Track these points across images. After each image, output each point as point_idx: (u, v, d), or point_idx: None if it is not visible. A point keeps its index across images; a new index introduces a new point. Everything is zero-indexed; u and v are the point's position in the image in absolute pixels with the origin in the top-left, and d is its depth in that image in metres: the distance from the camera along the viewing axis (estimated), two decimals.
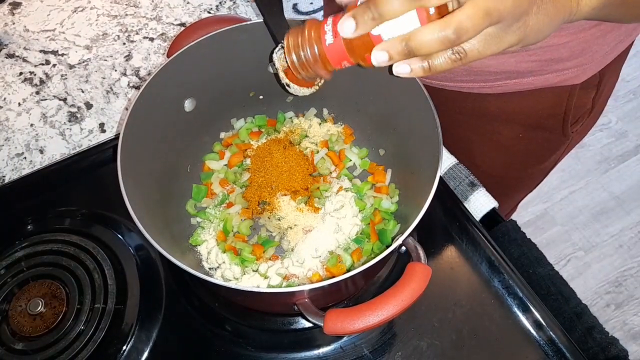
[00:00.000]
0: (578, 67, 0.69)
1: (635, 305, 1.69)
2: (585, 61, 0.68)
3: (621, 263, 1.77)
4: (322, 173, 0.73)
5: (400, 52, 0.40)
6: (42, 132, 0.83)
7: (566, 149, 0.87)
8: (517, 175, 0.91)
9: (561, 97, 0.73)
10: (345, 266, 0.65)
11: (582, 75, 0.70)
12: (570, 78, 0.70)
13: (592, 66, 0.70)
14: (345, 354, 0.63)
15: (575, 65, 0.68)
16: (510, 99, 0.73)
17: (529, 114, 0.76)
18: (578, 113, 0.77)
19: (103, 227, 0.71)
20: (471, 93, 0.75)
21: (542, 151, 0.85)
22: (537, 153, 0.85)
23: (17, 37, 0.94)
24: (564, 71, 0.69)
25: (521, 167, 0.88)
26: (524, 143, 0.81)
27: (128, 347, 0.62)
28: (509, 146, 0.82)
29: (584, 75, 0.70)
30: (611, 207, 1.88)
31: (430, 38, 0.38)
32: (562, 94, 0.72)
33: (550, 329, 0.62)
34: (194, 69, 0.64)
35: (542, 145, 0.83)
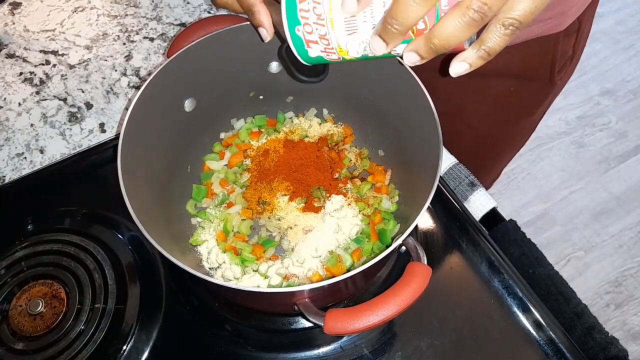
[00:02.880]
0: (559, 15, 0.73)
1: (635, 305, 1.69)
2: (566, 8, 0.72)
3: (621, 263, 1.77)
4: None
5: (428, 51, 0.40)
6: (42, 132, 0.83)
7: (552, 98, 0.91)
8: (510, 130, 0.94)
9: (547, 46, 0.77)
10: (345, 266, 0.65)
11: (563, 22, 0.74)
12: (554, 27, 0.74)
13: (572, 12, 0.74)
14: (345, 354, 0.63)
15: (557, 13, 0.72)
16: (500, 53, 0.75)
17: (519, 66, 0.79)
18: (562, 60, 0.81)
19: (103, 227, 0.71)
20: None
21: (532, 102, 0.89)
22: (527, 104, 0.89)
23: (17, 37, 0.94)
24: (547, 20, 0.72)
25: (514, 120, 0.92)
26: (515, 95, 0.84)
27: (128, 347, 0.62)
28: (501, 101, 0.85)
29: (565, 22, 0.75)
30: (611, 207, 1.88)
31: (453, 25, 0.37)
32: (548, 43, 0.76)
33: (550, 329, 0.62)
34: (194, 69, 0.64)
35: (532, 95, 0.87)
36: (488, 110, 0.87)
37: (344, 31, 0.43)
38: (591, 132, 2.06)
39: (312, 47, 0.46)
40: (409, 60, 0.42)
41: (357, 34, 0.43)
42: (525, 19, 0.38)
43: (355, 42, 0.44)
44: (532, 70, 0.80)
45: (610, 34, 2.29)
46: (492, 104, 0.86)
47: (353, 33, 0.43)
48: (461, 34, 0.38)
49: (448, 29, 0.38)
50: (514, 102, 0.86)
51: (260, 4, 0.53)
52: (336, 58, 0.47)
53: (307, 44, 0.46)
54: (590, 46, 2.23)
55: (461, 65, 0.41)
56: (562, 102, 2.10)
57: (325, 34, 0.44)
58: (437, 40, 0.39)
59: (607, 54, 2.25)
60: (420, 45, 0.41)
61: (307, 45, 0.46)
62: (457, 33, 0.38)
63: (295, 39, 0.46)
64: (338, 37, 0.44)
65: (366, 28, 0.42)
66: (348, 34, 0.43)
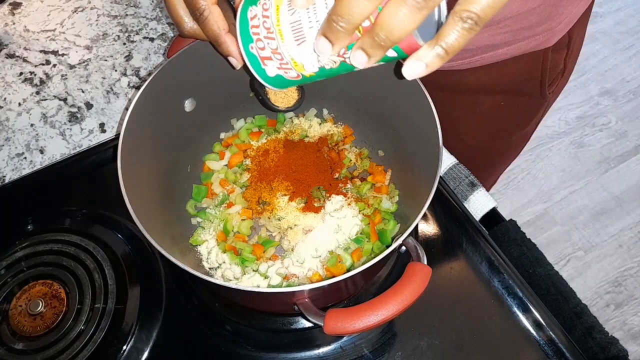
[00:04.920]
0: (548, 31, 0.71)
1: (635, 305, 1.69)
2: (554, 24, 0.71)
3: (621, 263, 1.77)
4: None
5: (375, 46, 0.37)
6: (43, 132, 0.83)
7: (544, 111, 0.90)
8: (502, 144, 0.94)
9: (536, 61, 0.76)
10: (345, 266, 0.65)
11: (552, 38, 0.73)
12: (542, 42, 0.73)
13: (560, 28, 0.72)
14: (345, 354, 0.63)
15: (545, 29, 0.71)
16: (488, 70, 0.76)
17: (508, 82, 0.78)
18: (553, 74, 0.80)
19: (103, 227, 0.71)
20: (450, 70, 0.77)
21: (524, 116, 0.88)
22: (519, 118, 0.88)
23: (18, 37, 0.94)
24: (536, 37, 0.71)
25: (506, 134, 0.91)
26: (506, 110, 0.84)
27: (128, 347, 0.62)
28: (492, 116, 0.85)
29: (554, 37, 0.73)
30: (611, 207, 1.88)
31: (396, 11, 0.34)
32: (537, 58, 0.75)
33: (550, 329, 0.62)
34: (194, 69, 0.64)
35: (523, 109, 0.86)
36: (479, 125, 0.87)
37: (293, 41, 0.42)
38: (591, 132, 2.06)
39: (267, 64, 0.45)
40: (357, 61, 0.39)
41: (306, 42, 0.41)
42: (484, 13, 0.34)
43: (306, 52, 0.42)
44: (522, 85, 0.80)
45: (610, 34, 2.29)
46: (483, 119, 0.86)
47: (302, 42, 0.41)
48: (407, 22, 0.34)
49: (392, 17, 0.34)
50: (505, 116, 0.86)
51: (226, 35, 0.52)
52: (295, 75, 0.45)
53: (263, 61, 0.45)
54: (590, 46, 2.24)
55: (416, 64, 0.37)
56: (561, 102, 2.10)
57: (276, 47, 0.43)
58: (382, 32, 0.35)
59: (606, 54, 2.25)
60: (365, 41, 0.37)
61: (263, 63, 0.45)
62: (402, 21, 0.34)
63: (250, 57, 0.46)
64: (289, 49, 0.42)
65: (313, 34, 0.40)
66: (297, 44, 0.42)
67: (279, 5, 0.41)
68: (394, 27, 0.35)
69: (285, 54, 0.43)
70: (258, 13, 0.43)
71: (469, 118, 0.85)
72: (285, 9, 0.41)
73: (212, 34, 0.52)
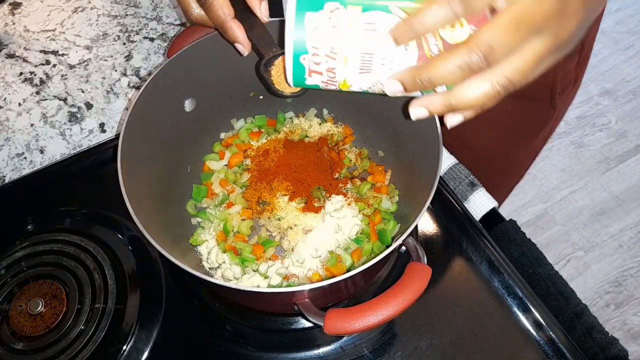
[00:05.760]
0: None
1: (635, 305, 1.69)
2: None
3: (621, 263, 1.77)
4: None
5: (412, 84, 0.38)
6: (42, 132, 0.83)
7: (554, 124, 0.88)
8: (508, 154, 0.92)
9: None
10: (345, 266, 0.65)
11: None
12: None
13: None
14: (345, 354, 0.63)
15: None
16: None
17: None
18: (564, 82, 0.78)
19: (103, 227, 0.71)
20: None
21: (532, 125, 0.86)
22: (527, 127, 0.87)
23: (18, 37, 0.94)
24: None
25: (512, 144, 0.89)
26: (514, 116, 0.82)
27: (128, 347, 0.62)
28: (499, 121, 0.83)
29: None
30: (611, 207, 1.88)
31: (448, 64, 0.35)
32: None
33: (550, 329, 0.62)
34: (194, 69, 0.64)
35: (532, 118, 0.84)
36: (487, 131, 0.85)
37: (357, 69, 0.41)
38: (591, 132, 2.06)
39: (313, 76, 0.44)
40: (389, 88, 0.40)
41: (370, 74, 0.41)
42: (516, 81, 0.36)
43: (365, 80, 0.42)
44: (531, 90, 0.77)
45: (610, 34, 2.29)
46: (490, 125, 0.84)
47: (366, 73, 0.41)
48: (482, 99, 0.36)
49: (471, 93, 0.36)
50: (513, 124, 0.84)
51: (232, 21, 0.52)
52: (333, 89, 0.45)
53: (310, 73, 0.44)
54: None
55: (420, 110, 0.39)
56: None
57: (334, 67, 0.42)
58: (454, 102, 0.37)
59: (606, 54, 2.25)
60: (434, 102, 0.38)
61: (309, 74, 0.44)
62: (478, 98, 0.36)
63: (297, 66, 0.43)
64: (348, 73, 0.42)
65: (383, 71, 0.40)
66: (360, 73, 0.41)
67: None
68: (468, 102, 0.37)
69: (340, 75, 0.43)
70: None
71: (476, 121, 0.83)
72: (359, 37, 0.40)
73: (218, 20, 0.52)
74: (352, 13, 0.38)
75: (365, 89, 0.43)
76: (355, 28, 0.39)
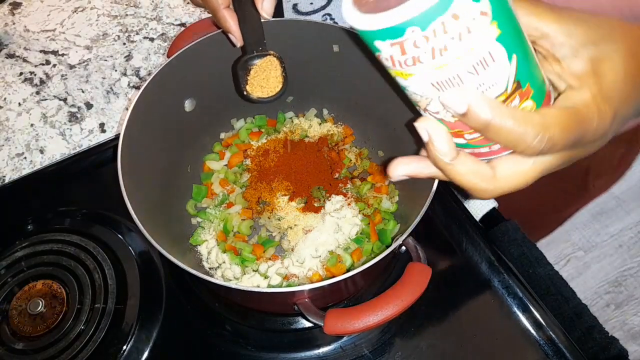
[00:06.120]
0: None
1: (635, 305, 1.69)
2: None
3: (621, 263, 1.77)
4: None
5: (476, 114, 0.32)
6: (42, 132, 0.83)
7: (584, 203, 0.78)
8: (530, 219, 0.81)
9: None
10: (345, 266, 0.65)
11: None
12: None
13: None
14: (345, 354, 0.63)
15: None
16: None
17: None
18: (602, 167, 0.69)
19: (103, 227, 0.71)
20: None
21: (558, 199, 0.79)
22: (553, 200, 0.79)
23: (17, 37, 0.94)
24: None
25: (535, 211, 0.81)
26: (542, 184, 0.76)
27: (128, 347, 0.62)
28: (524, 193, 0.76)
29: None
30: (611, 207, 1.88)
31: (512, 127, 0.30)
32: None
33: (550, 328, 0.62)
34: (194, 69, 0.64)
35: (559, 192, 0.76)
36: (510, 197, 0.76)
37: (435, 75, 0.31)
38: None
39: (393, 48, 0.30)
40: (452, 100, 0.33)
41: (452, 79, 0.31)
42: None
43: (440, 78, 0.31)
44: (560, 170, 0.70)
45: None
46: (516, 194, 0.76)
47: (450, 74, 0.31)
48: (500, 137, 0.31)
49: (507, 123, 0.30)
50: (539, 190, 0.76)
51: (225, 10, 0.50)
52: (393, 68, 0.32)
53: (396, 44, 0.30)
54: None
55: (401, 171, 0.38)
56: None
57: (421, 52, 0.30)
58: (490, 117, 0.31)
59: None
60: (479, 102, 0.31)
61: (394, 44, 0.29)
62: (504, 132, 0.31)
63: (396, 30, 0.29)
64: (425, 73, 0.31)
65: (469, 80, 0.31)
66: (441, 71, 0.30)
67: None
68: (460, 178, 0.35)
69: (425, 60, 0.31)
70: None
71: None
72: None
73: (211, 5, 0.51)
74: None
75: (424, 90, 0.33)
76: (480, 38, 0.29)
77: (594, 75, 0.32)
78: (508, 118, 0.30)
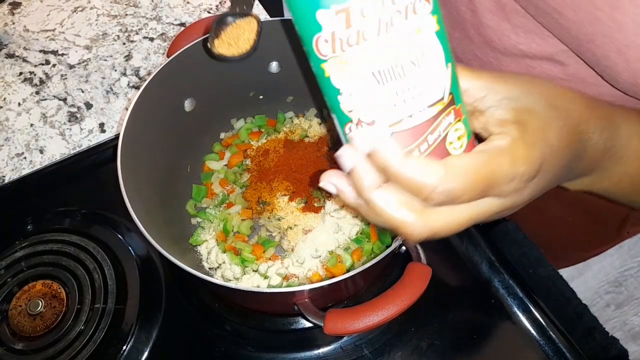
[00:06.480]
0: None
1: (636, 305, 1.69)
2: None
3: (621, 263, 1.77)
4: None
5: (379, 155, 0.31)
6: (42, 132, 0.83)
7: (612, 246, 0.77)
8: (555, 251, 0.79)
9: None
10: (345, 266, 0.65)
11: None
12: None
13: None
14: (345, 354, 0.62)
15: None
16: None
17: (587, 202, 0.64)
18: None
19: (103, 227, 0.71)
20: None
21: (587, 242, 0.77)
22: (583, 240, 0.77)
23: (17, 37, 0.94)
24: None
25: (560, 248, 0.79)
26: (574, 226, 0.73)
27: (128, 347, 0.62)
28: (553, 225, 0.74)
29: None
30: None
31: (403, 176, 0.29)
32: None
33: (550, 329, 0.62)
34: (194, 69, 0.64)
35: (592, 234, 0.74)
36: (537, 229, 0.73)
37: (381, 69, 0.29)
38: None
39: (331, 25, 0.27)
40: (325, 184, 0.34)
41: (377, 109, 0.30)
42: (438, 235, 0.32)
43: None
44: (599, 211, 0.66)
45: None
46: (544, 226, 0.74)
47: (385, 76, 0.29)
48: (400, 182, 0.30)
49: (402, 169, 0.29)
50: (566, 232, 0.75)
51: None
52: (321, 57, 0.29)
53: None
54: None
55: (328, 186, 0.35)
56: None
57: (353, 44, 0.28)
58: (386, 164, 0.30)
59: None
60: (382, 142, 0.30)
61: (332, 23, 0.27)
62: (395, 178, 0.30)
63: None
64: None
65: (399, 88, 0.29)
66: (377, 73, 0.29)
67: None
68: (375, 217, 0.33)
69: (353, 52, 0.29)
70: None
71: (529, 216, 0.68)
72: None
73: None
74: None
75: (363, 86, 0.29)
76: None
77: (516, 122, 0.31)
78: (408, 167, 0.29)
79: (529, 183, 0.32)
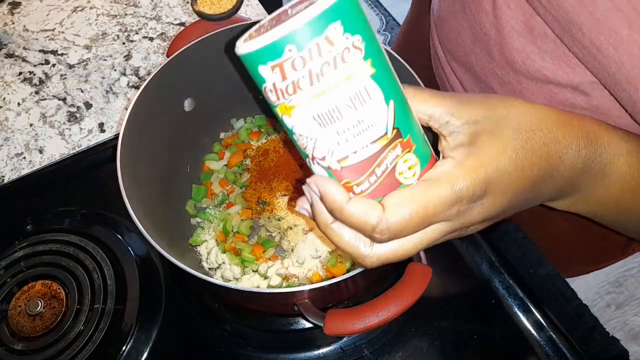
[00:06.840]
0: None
1: (636, 305, 1.69)
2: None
3: (622, 263, 1.75)
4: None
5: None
6: (42, 132, 0.83)
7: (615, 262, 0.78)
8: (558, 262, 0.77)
9: None
10: (345, 266, 0.65)
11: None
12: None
13: None
14: (345, 355, 0.62)
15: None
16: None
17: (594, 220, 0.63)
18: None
19: (103, 227, 0.71)
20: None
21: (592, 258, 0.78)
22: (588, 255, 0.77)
23: (17, 36, 0.94)
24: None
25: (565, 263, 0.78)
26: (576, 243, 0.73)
27: (128, 347, 0.62)
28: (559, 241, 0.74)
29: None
30: None
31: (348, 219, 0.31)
32: None
33: (550, 329, 0.62)
34: (193, 69, 0.64)
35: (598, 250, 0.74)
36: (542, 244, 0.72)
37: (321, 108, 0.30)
38: None
39: (274, 72, 0.29)
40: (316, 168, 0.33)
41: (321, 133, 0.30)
42: (391, 261, 0.33)
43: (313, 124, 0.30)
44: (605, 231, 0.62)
45: None
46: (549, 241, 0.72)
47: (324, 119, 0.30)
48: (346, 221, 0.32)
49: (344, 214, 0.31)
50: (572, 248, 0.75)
51: None
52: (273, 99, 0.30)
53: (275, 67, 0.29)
54: None
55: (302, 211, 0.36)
56: None
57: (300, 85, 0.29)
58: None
59: None
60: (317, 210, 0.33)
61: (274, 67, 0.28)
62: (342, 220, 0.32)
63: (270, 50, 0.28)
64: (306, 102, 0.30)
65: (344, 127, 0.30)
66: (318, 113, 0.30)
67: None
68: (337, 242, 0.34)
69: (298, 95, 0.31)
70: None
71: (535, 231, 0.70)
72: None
73: None
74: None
75: (308, 127, 0.31)
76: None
77: (468, 145, 0.32)
78: (350, 210, 0.31)
79: (475, 204, 0.32)
